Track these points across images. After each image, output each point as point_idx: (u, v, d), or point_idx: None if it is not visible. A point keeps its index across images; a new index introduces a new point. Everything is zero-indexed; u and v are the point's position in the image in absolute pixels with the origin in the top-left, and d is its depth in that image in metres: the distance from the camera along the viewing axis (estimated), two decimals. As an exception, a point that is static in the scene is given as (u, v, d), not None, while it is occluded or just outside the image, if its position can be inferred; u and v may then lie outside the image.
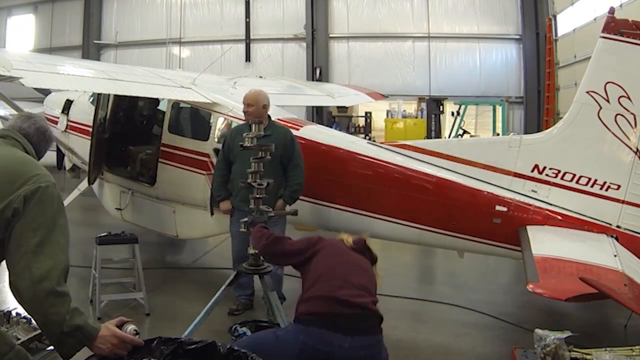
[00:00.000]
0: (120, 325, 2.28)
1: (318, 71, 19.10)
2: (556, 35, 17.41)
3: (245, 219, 4.00)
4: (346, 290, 2.90)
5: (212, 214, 5.91)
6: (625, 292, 3.47)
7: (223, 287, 4.10)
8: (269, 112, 5.55)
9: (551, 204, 4.83)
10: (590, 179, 4.74)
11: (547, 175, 4.87)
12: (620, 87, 4.59)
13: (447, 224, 5.03)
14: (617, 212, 4.65)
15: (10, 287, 2.15)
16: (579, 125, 4.77)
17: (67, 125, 8.00)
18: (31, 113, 2.69)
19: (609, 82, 4.61)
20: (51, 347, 4.38)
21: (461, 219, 4.99)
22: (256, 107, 5.40)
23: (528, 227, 4.64)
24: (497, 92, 18.40)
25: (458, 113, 16.28)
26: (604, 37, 4.65)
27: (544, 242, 4.35)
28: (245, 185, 3.87)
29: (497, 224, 4.85)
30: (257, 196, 3.90)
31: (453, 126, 16.45)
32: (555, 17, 17.57)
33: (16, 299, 2.16)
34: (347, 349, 2.75)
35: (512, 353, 3.81)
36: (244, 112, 5.45)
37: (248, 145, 3.93)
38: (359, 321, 2.86)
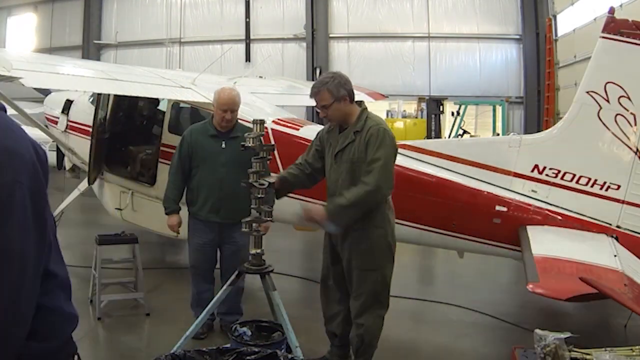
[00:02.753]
0: None
1: (318, 71, 19.08)
2: (556, 35, 17.43)
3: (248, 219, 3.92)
4: None
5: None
6: (625, 292, 3.47)
7: (224, 287, 4.10)
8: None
9: (551, 204, 4.82)
10: (590, 179, 4.74)
11: (547, 175, 4.87)
12: (620, 87, 4.58)
13: (447, 224, 5.02)
14: (617, 212, 4.64)
15: None
16: (579, 125, 4.77)
17: (67, 125, 7.98)
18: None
19: (609, 82, 4.61)
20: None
21: (461, 219, 4.98)
22: (236, 112, 4.83)
23: (528, 227, 4.63)
24: (497, 92, 18.42)
25: (458, 113, 16.28)
26: (604, 37, 4.65)
27: (544, 242, 4.34)
28: (248, 185, 3.86)
29: (497, 224, 4.85)
30: (259, 196, 3.89)
31: (453, 126, 16.46)
32: (555, 17, 17.59)
33: None
34: None
35: (512, 353, 3.82)
36: (225, 119, 4.82)
37: (250, 145, 3.92)
38: None
